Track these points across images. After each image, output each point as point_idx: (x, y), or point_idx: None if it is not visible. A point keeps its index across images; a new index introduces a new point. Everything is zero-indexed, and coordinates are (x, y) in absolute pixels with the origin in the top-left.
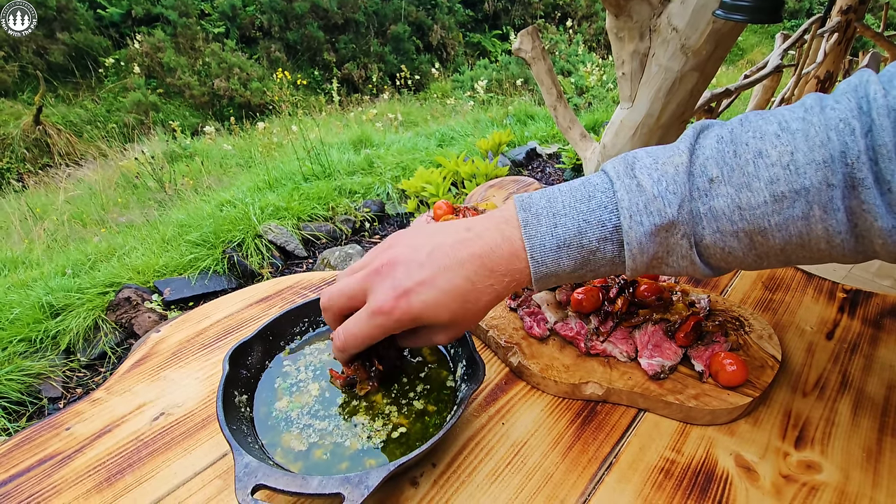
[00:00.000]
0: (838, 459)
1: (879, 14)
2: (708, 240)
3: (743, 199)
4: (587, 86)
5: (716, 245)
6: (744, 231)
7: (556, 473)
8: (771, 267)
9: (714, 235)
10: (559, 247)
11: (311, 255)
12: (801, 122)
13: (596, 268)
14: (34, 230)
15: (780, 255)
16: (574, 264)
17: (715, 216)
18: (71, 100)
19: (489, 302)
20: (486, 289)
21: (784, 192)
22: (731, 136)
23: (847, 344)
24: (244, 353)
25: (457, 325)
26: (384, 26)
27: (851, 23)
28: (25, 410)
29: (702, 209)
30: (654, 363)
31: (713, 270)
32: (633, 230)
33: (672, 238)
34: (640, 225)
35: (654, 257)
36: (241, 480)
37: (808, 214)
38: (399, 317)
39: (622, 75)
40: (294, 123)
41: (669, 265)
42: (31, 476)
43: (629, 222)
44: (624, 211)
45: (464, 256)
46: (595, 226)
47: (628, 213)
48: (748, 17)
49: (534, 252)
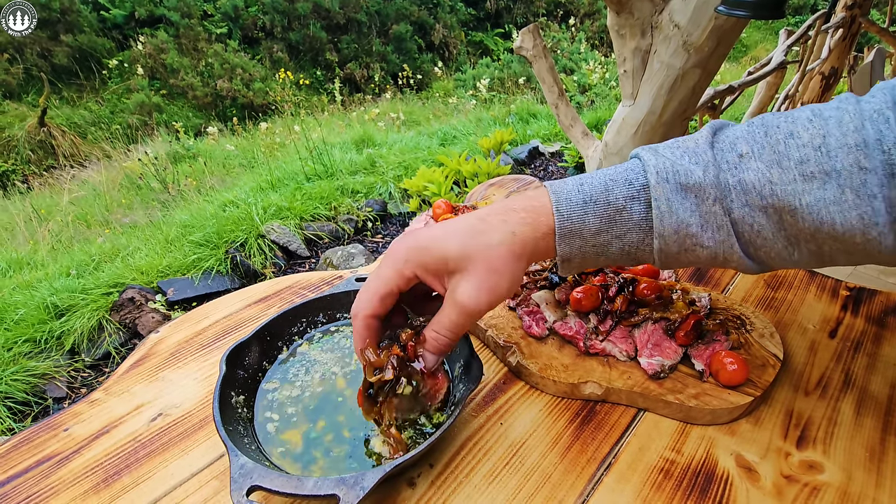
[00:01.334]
0: (841, 459)
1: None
2: (736, 213)
3: (774, 174)
4: (590, 84)
5: (744, 221)
6: (773, 207)
7: (555, 474)
8: (806, 262)
9: (743, 209)
10: (585, 202)
11: (314, 254)
12: (835, 110)
13: (622, 232)
14: (39, 231)
15: (812, 242)
16: (599, 223)
17: (744, 188)
18: (75, 101)
19: (501, 242)
20: (497, 224)
21: (814, 172)
22: (762, 121)
23: (850, 342)
24: (241, 354)
25: (468, 264)
26: (386, 26)
27: (856, 18)
28: (31, 411)
29: (731, 181)
30: (653, 362)
31: (751, 259)
32: (661, 186)
33: (704, 205)
34: (666, 182)
35: (685, 225)
36: (237, 481)
37: (839, 199)
38: (405, 254)
39: (624, 73)
40: (296, 123)
41: (704, 244)
42: (30, 477)
43: (656, 178)
44: (651, 168)
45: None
46: (622, 184)
47: (654, 170)
48: (751, 13)
49: (559, 205)
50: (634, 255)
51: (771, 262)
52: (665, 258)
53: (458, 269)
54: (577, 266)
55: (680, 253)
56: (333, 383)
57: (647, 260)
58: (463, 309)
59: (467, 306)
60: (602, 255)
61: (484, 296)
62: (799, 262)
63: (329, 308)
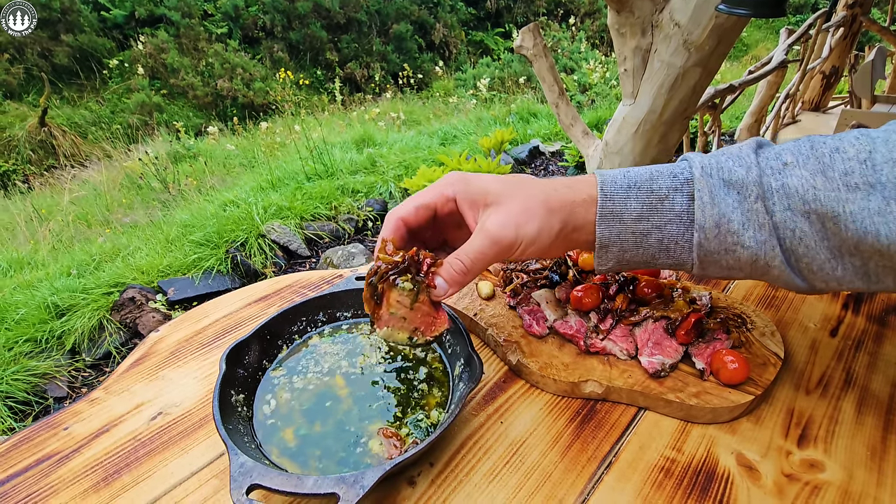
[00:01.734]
0: (842, 458)
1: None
2: (778, 217)
3: (818, 181)
4: (590, 83)
5: (786, 225)
6: (816, 213)
7: (555, 472)
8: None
9: (784, 213)
10: (629, 186)
11: (314, 254)
12: (882, 132)
13: (662, 222)
14: (39, 231)
15: (856, 256)
16: (641, 209)
17: (787, 193)
18: (76, 101)
19: (541, 192)
20: (540, 182)
21: (858, 184)
22: (808, 138)
23: (851, 341)
24: (241, 353)
25: (505, 200)
26: (386, 25)
27: (857, 17)
28: (31, 410)
29: (774, 184)
30: (654, 361)
31: (793, 271)
32: (705, 179)
33: (746, 202)
34: (710, 176)
35: (727, 220)
36: (237, 480)
37: (884, 210)
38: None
39: (624, 72)
40: (297, 123)
41: (745, 244)
42: (29, 476)
43: (700, 172)
44: (696, 164)
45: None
46: (667, 176)
47: (700, 165)
48: (751, 12)
49: (604, 185)
50: (672, 252)
51: (814, 278)
52: (703, 256)
53: (494, 203)
54: (613, 256)
55: (719, 252)
56: (335, 382)
57: (685, 260)
58: (488, 235)
59: (494, 234)
60: (640, 248)
61: (511, 230)
62: (843, 280)
63: (329, 307)
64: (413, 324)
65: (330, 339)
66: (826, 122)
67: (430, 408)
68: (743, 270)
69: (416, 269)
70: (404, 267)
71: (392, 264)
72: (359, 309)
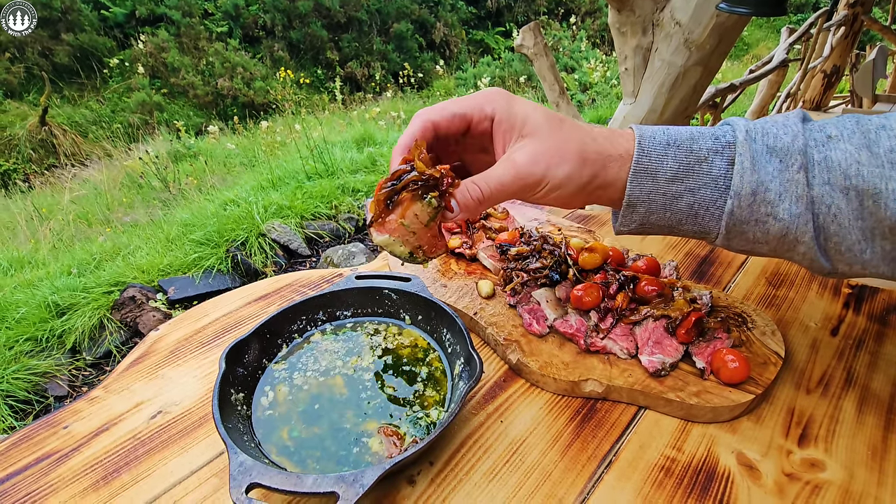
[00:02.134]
0: (842, 457)
1: (887, 7)
2: (816, 191)
3: (862, 156)
4: (591, 82)
5: (822, 200)
6: (856, 189)
7: (555, 472)
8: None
9: (823, 188)
10: (668, 143)
11: (315, 253)
12: None
13: (697, 185)
14: (40, 230)
15: (889, 240)
16: (677, 168)
17: (829, 166)
18: (76, 100)
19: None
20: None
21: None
22: (853, 115)
23: (852, 340)
24: (241, 352)
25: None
26: (387, 24)
27: (858, 16)
28: (32, 409)
29: (816, 156)
30: (654, 360)
31: (820, 250)
32: (748, 143)
33: (787, 172)
34: (753, 141)
35: (764, 189)
36: (236, 479)
37: None
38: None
39: (625, 71)
40: (297, 122)
41: (779, 216)
42: (29, 475)
43: (744, 136)
44: (740, 127)
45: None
46: (708, 137)
47: (744, 129)
48: (752, 11)
49: (643, 140)
50: (700, 219)
51: (840, 260)
52: (732, 226)
53: (529, 135)
54: (638, 218)
55: (749, 223)
56: (335, 380)
57: (711, 228)
58: (514, 166)
59: (521, 167)
60: (668, 210)
61: (540, 168)
62: (868, 264)
63: (329, 306)
64: (420, 241)
65: (332, 336)
66: None
67: (430, 406)
68: (768, 244)
69: (441, 189)
70: (434, 182)
71: (424, 174)
72: (359, 308)
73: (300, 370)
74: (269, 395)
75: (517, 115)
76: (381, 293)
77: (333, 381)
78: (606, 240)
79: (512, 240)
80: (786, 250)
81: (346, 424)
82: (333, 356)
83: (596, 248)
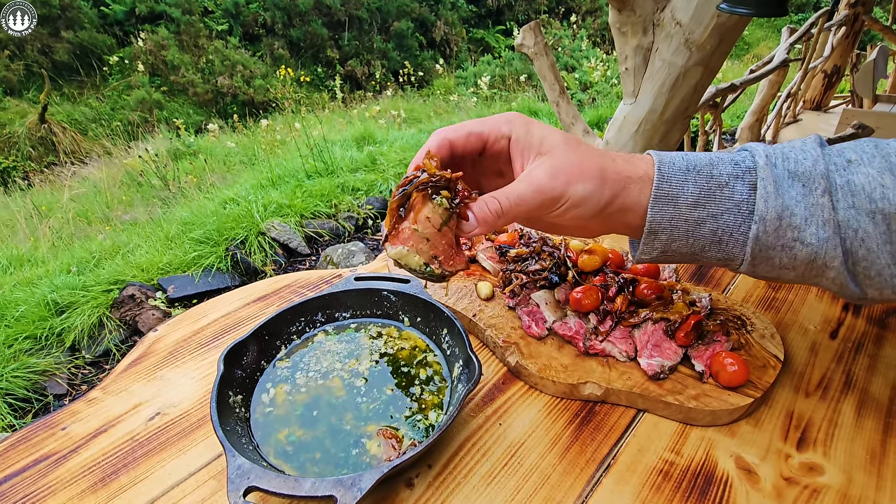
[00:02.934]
0: (841, 461)
1: (888, 7)
2: (841, 215)
3: (886, 179)
4: (591, 81)
5: (849, 224)
6: (882, 213)
7: (554, 475)
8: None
9: (848, 211)
10: (688, 169)
11: (315, 252)
12: None
13: (719, 210)
14: (39, 228)
15: None
16: (698, 194)
17: (852, 190)
18: (76, 98)
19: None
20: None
21: None
22: (871, 140)
23: (851, 343)
24: (239, 353)
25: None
26: (387, 23)
27: (859, 16)
28: (31, 408)
29: (838, 181)
30: (653, 363)
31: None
32: (769, 168)
33: (811, 196)
34: (774, 166)
35: (790, 213)
36: (234, 482)
37: None
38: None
39: (625, 70)
40: (297, 121)
41: (806, 240)
42: (26, 476)
43: (765, 161)
44: (759, 153)
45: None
46: (727, 163)
47: (763, 153)
48: (753, 11)
49: (662, 166)
50: (724, 245)
51: (869, 284)
52: (758, 252)
53: (549, 153)
54: (660, 245)
55: (775, 249)
56: (334, 382)
57: (735, 255)
58: (534, 182)
59: (541, 182)
60: (691, 237)
61: (560, 183)
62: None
63: (328, 307)
64: (434, 250)
65: (335, 336)
66: (827, 122)
67: (429, 409)
68: (795, 270)
69: (453, 194)
70: (445, 183)
71: (434, 175)
72: (358, 310)
73: (302, 370)
74: (269, 393)
75: (535, 134)
76: (380, 295)
77: (332, 382)
78: (606, 242)
79: (511, 241)
80: (814, 276)
81: (345, 426)
82: (335, 357)
83: (595, 250)
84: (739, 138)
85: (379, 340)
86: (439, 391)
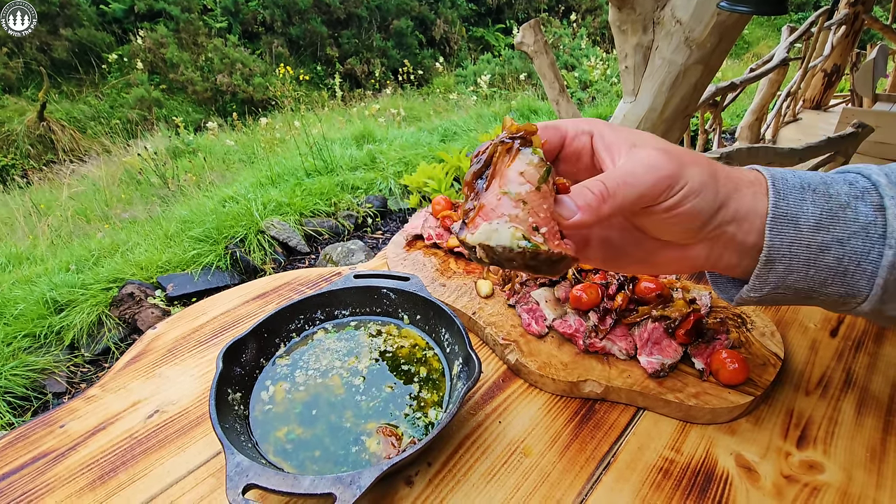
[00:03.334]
0: (841, 459)
1: (888, 6)
2: None
3: None
4: (591, 80)
5: None
6: None
7: (553, 473)
8: None
9: None
10: (803, 187)
11: (314, 250)
12: None
13: (845, 234)
14: (38, 226)
15: None
16: (820, 213)
17: None
18: (74, 96)
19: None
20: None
21: None
22: None
23: (851, 341)
24: (238, 351)
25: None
26: (387, 21)
27: (859, 15)
28: (30, 406)
29: None
30: (653, 361)
31: None
32: (893, 188)
33: None
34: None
35: None
36: (233, 480)
37: None
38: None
39: (625, 69)
40: (296, 119)
41: None
42: (25, 474)
43: (886, 179)
44: (874, 170)
45: None
46: (842, 183)
47: (881, 171)
48: (753, 9)
49: (776, 181)
50: (850, 277)
51: None
52: (893, 282)
53: (642, 144)
54: (775, 278)
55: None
56: (333, 380)
57: (861, 288)
58: (642, 159)
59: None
60: (812, 268)
61: (675, 164)
62: None
63: (328, 305)
64: (535, 218)
65: (335, 334)
66: (827, 121)
67: (428, 407)
68: None
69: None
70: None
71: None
72: (357, 308)
73: (301, 368)
74: (269, 390)
75: (621, 130)
76: (380, 292)
77: (332, 380)
78: None
79: None
80: None
81: (344, 424)
82: (334, 355)
83: None
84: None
85: (378, 338)
86: (439, 389)
